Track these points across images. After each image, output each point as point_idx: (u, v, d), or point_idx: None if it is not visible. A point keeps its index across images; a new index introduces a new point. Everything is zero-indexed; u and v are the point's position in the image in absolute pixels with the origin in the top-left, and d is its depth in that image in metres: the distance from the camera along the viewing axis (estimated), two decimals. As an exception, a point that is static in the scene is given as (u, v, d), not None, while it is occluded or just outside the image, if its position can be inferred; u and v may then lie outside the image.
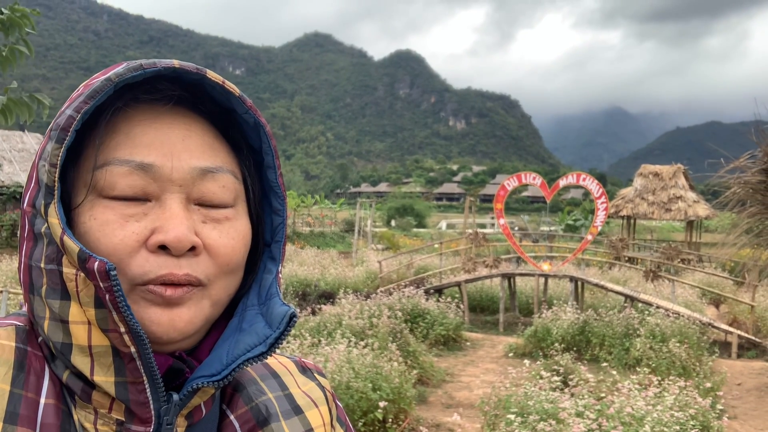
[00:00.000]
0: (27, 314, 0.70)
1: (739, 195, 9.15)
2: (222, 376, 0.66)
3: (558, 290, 14.53)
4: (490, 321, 13.48)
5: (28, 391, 0.64)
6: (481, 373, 9.27)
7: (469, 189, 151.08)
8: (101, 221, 0.64)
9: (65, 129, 0.61)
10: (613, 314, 10.46)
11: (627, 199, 24.70)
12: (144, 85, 0.67)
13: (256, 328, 0.70)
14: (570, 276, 13.13)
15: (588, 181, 13.04)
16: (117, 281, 0.59)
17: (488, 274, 13.68)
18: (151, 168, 0.65)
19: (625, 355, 9.33)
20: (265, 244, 0.78)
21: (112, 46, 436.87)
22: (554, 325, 10.31)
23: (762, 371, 9.70)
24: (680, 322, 9.66)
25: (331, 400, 0.89)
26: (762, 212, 8.87)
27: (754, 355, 10.89)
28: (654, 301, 11.38)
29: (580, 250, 13.88)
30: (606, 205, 12.98)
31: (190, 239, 0.64)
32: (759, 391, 8.64)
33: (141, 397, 0.64)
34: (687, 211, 23.53)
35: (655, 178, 24.75)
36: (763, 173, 8.70)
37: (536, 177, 13.35)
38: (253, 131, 0.73)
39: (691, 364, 8.58)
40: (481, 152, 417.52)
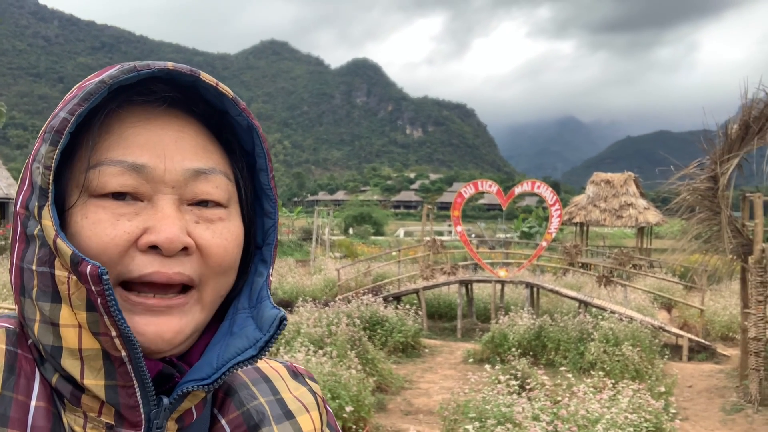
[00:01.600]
0: (17, 316, 0.70)
1: (689, 201, 9.41)
2: (212, 380, 0.66)
3: (514, 296, 14.70)
4: (448, 327, 13.56)
5: (19, 394, 0.63)
6: (440, 380, 9.31)
7: (427, 197, 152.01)
8: (93, 220, 0.64)
9: (59, 131, 0.61)
10: (567, 319, 10.64)
11: (580, 206, 25.18)
12: (138, 86, 0.67)
13: (247, 332, 0.70)
14: (526, 282, 13.29)
15: (542, 188, 13.24)
16: (109, 285, 0.59)
17: (446, 281, 13.76)
18: (144, 169, 0.65)
19: (579, 359, 9.49)
20: (257, 247, 0.78)
21: (62, 52, 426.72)
22: (511, 330, 10.43)
23: (711, 373, 9.97)
24: (633, 326, 9.87)
25: (322, 406, 0.89)
26: (710, 218, 9.14)
27: (704, 358, 11.19)
28: (607, 306, 11.60)
29: (535, 257, 14.07)
30: (560, 212, 13.19)
31: (181, 240, 0.64)
32: (709, 393, 8.87)
33: (131, 401, 0.64)
34: (638, 217, 24.10)
35: (607, 186, 25.30)
36: (711, 180, 8.97)
37: (492, 185, 13.50)
38: (246, 134, 0.73)
39: (643, 367, 8.78)
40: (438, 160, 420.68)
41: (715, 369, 10.28)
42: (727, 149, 8.85)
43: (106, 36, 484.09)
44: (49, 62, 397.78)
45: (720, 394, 8.81)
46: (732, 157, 8.75)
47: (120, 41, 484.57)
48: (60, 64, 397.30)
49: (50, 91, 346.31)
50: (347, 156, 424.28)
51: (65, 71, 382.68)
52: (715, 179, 8.95)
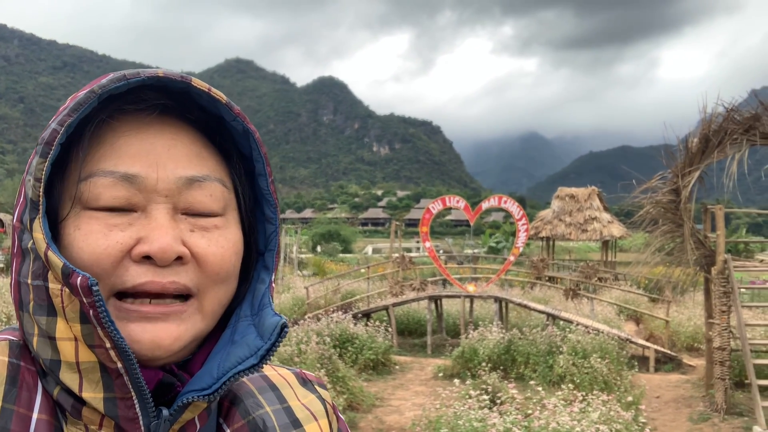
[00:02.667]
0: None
1: (652, 214, 9.59)
2: (213, 389, 0.65)
3: (483, 311, 14.76)
4: (418, 344, 13.54)
5: (20, 407, 0.62)
6: (411, 396, 9.27)
7: (394, 214, 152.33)
8: (85, 231, 0.63)
9: (49, 143, 0.61)
10: (536, 332, 10.70)
11: (546, 220, 25.49)
12: (129, 95, 0.66)
13: (248, 340, 0.69)
14: (495, 296, 13.36)
15: (509, 203, 13.37)
16: (99, 296, 0.58)
17: (415, 297, 13.76)
18: (136, 179, 0.64)
19: (549, 372, 9.55)
20: (259, 253, 0.76)
21: (23, 72, 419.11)
22: (481, 345, 10.45)
23: (678, 383, 10.12)
24: (600, 339, 9.98)
25: (332, 413, 0.87)
26: (673, 230, 9.32)
27: (670, 369, 11.35)
28: (575, 319, 11.71)
29: (503, 271, 14.17)
30: (526, 227, 13.33)
31: (175, 249, 0.63)
32: (676, 403, 8.99)
33: (130, 413, 0.63)
34: (602, 231, 24.49)
35: (572, 200, 25.68)
36: (673, 193, 9.16)
37: (460, 200, 13.59)
38: (243, 138, 0.72)
39: (612, 379, 8.86)
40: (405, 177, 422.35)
41: (682, 379, 10.43)
42: (688, 162, 9.05)
43: (67, 55, 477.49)
44: (9, 82, 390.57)
45: (687, 403, 8.93)
46: (693, 170, 8.95)
47: (82, 60, 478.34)
48: (21, 84, 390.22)
49: (10, 112, 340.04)
50: (314, 174, 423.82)
51: (26, 91, 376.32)
52: (677, 192, 9.15)
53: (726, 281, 8.60)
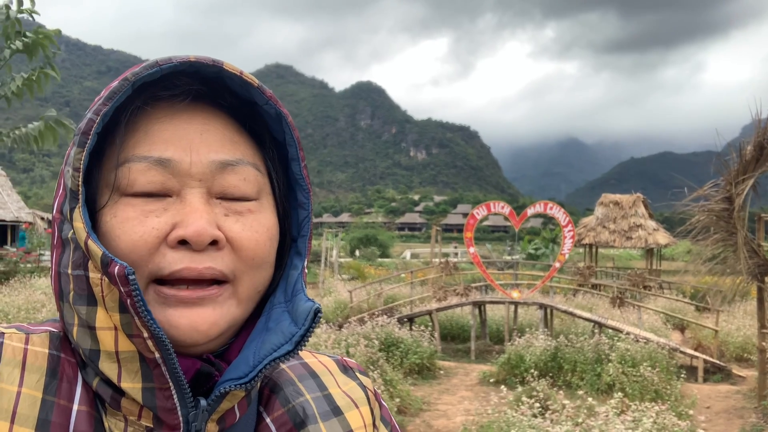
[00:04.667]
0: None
1: (703, 222, 9.45)
2: (249, 378, 0.65)
3: (527, 317, 14.69)
4: (461, 349, 13.53)
5: (61, 398, 0.63)
6: (458, 401, 9.30)
7: (431, 219, 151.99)
8: (122, 218, 0.64)
9: (86, 133, 0.61)
10: (584, 340, 10.62)
11: (589, 227, 25.20)
12: (162, 82, 0.66)
13: (282, 327, 0.69)
14: (539, 303, 13.29)
15: (555, 209, 13.30)
16: (136, 285, 0.58)
17: (459, 302, 13.76)
18: (170, 163, 0.65)
19: (597, 380, 9.47)
20: (292, 239, 0.76)
21: (69, 77, 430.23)
22: (527, 351, 10.41)
23: (728, 394, 9.94)
24: (649, 347, 9.87)
25: (374, 400, 0.86)
26: (726, 239, 9.17)
27: (719, 379, 11.14)
28: (623, 327, 11.58)
29: (548, 278, 14.09)
30: (572, 233, 13.23)
31: (210, 233, 0.64)
32: (728, 414, 8.84)
33: (168, 404, 0.63)
34: (647, 239, 24.11)
35: (616, 207, 25.34)
36: (726, 201, 9.02)
37: (505, 206, 13.56)
38: (276, 123, 0.72)
39: (662, 388, 8.76)
40: (442, 182, 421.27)
41: (732, 390, 10.24)
42: (741, 170, 8.91)
43: (112, 60, 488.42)
44: (55, 86, 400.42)
45: (739, 415, 8.77)
46: (747, 178, 8.81)
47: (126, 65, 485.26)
48: (66, 88, 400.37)
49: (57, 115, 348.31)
50: (351, 178, 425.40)
51: (71, 95, 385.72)
52: (730, 200, 9.01)
53: (781, 291, 8.44)
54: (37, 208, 34.61)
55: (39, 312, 11.31)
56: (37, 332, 0.69)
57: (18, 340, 0.67)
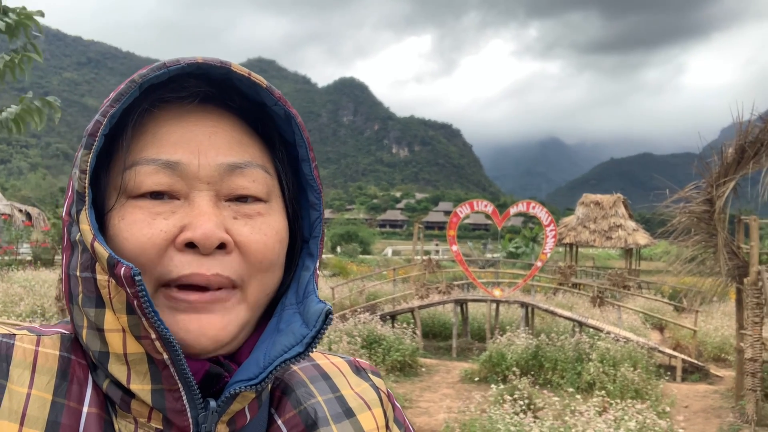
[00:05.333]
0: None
1: (684, 224, 9.55)
2: (259, 379, 0.64)
3: (508, 315, 14.76)
4: (443, 347, 13.57)
5: (71, 401, 0.63)
6: (439, 399, 9.32)
7: (412, 216, 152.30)
8: (129, 221, 0.64)
9: (93, 134, 0.61)
10: (565, 339, 10.70)
11: (570, 227, 25.39)
12: (170, 84, 0.66)
13: (293, 328, 0.68)
14: (521, 302, 13.36)
15: (538, 209, 13.37)
16: (142, 286, 0.58)
17: (441, 300, 13.80)
18: (178, 166, 0.65)
19: (577, 378, 9.55)
20: (304, 241, 0.76)
21: (48, 67, 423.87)
22: (509, 350, 10.46)
23: (706, 394, 10.07)
24: (629, 347, 9.97)
25: (387, 401, 0.85)
26: (706, 240, 9.29)
27: (698, 379, 11.29)
28: (603, 327, 11.69)
29: (530, 277, 14.17)
30: (554, 233, 13.31)
31: (218, 236, 0.63)
32: (706, 413, 8.96)
33: (177, 405, 0.63)
34: (627, 239, 24.35)
35: (597, 207, 25.56)
36: (707, 203, 9.13)
37: (488, 204, 13.61)
38: (285, 123, 0.71)
39: (643, 388, 8.85)
40: (423, 180, 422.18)
41: (710, 389, 10.38)
42: (723, 173, 9.02)
43: (92, 51, 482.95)
44: (35, 77, 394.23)
45: (716, 414, 8.89)
46: (728, 180, 8.92)
47: (106, 57, 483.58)
48: (46, 78, 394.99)
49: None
50: (333, 174, 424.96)
51: (50, 86, 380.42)
52: (711, 202, 9.11)
53: (759, 292, 8.55)
54: (14, 200, 34.10)
55: (17, 305, 11.16)
56: (49, 334, 0.69)
57: (29, 342, 0.66)
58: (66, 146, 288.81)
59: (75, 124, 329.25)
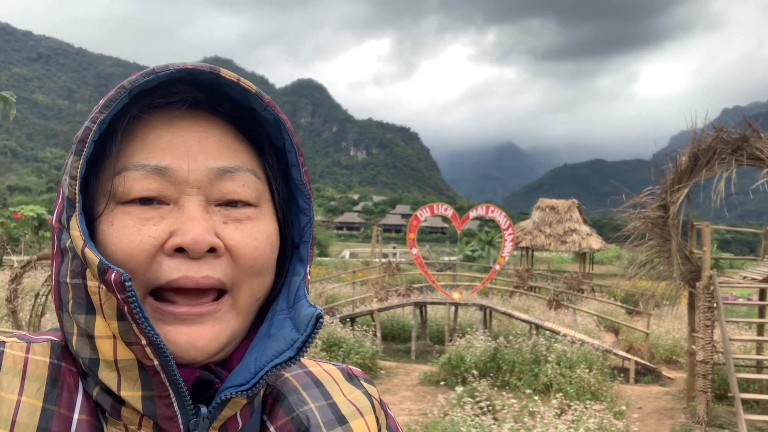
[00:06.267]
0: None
1: (640, 229, 9.78)
2: (250, 384, 0.64)
3: (467, 318, 14.88)
4: (402, 349, 13.60)
5: (61, 407, 0.63)
6: (399, 401, 9.33)
7: (370, 219, 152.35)
8: (118, 227, 0.63)
9: (83, 141, 0.61)
10: (522, 341, 10.84)
11: (526, 231, 25.72)
12: (160, 90, 0.66)
13: (284, 333, 0.68)
14: (479, 305, 13.49)
15: (497, 213, 13.52)
16: (133, 292, 0.58)
17: (401, 303, 13.83)
18: (167, 171, 0.65)
19: (534, 380, 9.68)
20: (294, 246, 0.76)
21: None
22: (467, 352, 10.55)
23: (658, 395, 10.32)
24: (585, 349, 10.15)
25: (379, 409, 0.85)
26: (660, 245, 9.52)
27: (650, 380, 11.56)
28: (559, 329, 11.87)
29: (488, 280, 14.32)
30: (512, 237, 13.47)
31: (207, 240, 0.63)
32: (658, 414, 9.17)
33: (168, 412, 0.63)
34: (581, 243, 24.79)
35: (552, 212, 25.94)
36: (661, 209, 9.36)
37: (448, 208, 13.71)
38: (275, 129, 0.71)
39: (598, 389, 9.02)
40: (381, 182, 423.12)
41: (662, 391, 10.64)
42: (677, 179, 9.27)
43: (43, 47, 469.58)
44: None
45: (669, 415, 9.12)
46: (682, 187, 9.17)
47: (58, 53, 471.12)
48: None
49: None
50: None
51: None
52: (666, 208, 9.35)
53: (711, 296, 8.81)
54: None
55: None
56: (39, 341, 0.68)
57: (19, 349, 0.66)
58: (14, 143, 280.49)
59: (24, 121, 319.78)
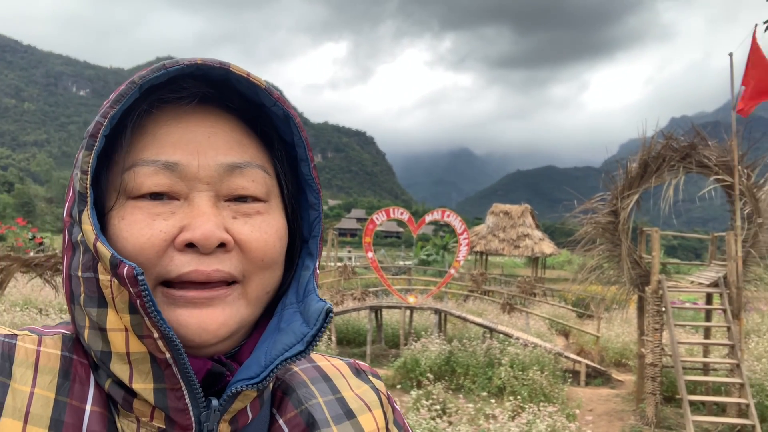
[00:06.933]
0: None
1: (591, 234, 9.97)
2: (261, 378, 0.65)
3: (422, 322, 14.93)
4: (357, 353, 13.56)
5: (73, 399, 0.64)
6: (354, 406, 9.30)
7: (325, 222, 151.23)
8: (129, 221, 0.64)
9: (94, 135, 0.62)
10: (476, 344, 10.93)
11: (480, 235, 26.00)
12: (170, 85, 0.67)
13: (294, 327, 0.69)
14: (434, 308, 13.55)
15: (452, 217, 13.60)
16: (145, 285, 0.58)
17: (356, 307, 13.80)
18: (177, 166, 0.65)
19: (488, 383, 9.77)
20: (303, 240, 0.77)
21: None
22: (422, 356, 10.58)
23: (609, 397, 10.51)
24: (537, 352, 10.29)
25: (387, 403, 0.86)
26: (611, 250, 9.72)
27: (600, 383, 11.78)
28: (512, 332, 12.01)
29: (443, 284, 14.38)
30: (468, 241, 13.58)
31: (217, 236, 0.64)
32: (609, 416, 9.35)
33: (180, 404, 0.63)
34: (534, 248, 25.17)
35: (506, 217, 26.29)
36: (612, 214, 9.56)
37: (404, 212, 13.74)
38: (284, 124, 0.72)
39: (551, 392, 9.15)
40: (336, 186, 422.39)
41: (612, 393, 10.85)
42: (627, 186, 9.48)
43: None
44: None
45: (619, 417, 9.30)
46: (632, 193, 9.39)
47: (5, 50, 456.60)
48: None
49: None
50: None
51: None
52: (616, 213, 9.56)
53: (660, 300, 9.03)
54: None
55: None
56: (50, 334, 0.69)
57: (31, 342, 0.67)
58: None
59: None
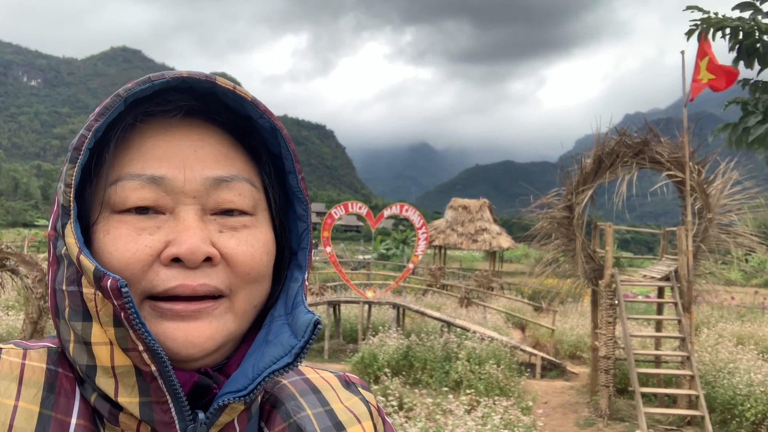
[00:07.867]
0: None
1: (546, 229, 10.09)
2: (248, 390, 0.64)
3: (380, 316, 14.93)
4: (315, 348, 13.49)
5: (58, 413, 0.63)
6: (311, 401, 9.25)
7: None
8: (114, 236, 0.63)
9: (77, 148, 0.61)
10: (434, 339, 10.97)
11: (439, 229, 26.15)
12: (155, 98, 0.66)
13: (282, 339, 0.68)
14: (393, 303, 13.56)
15: (411, 212, 13.62)
16: (129, 298, 0.57)
17: (314, 302, 13.72)
18: (163, 181, 0.64)
19: (445, 377, 9.82)
20: (292, 253, 0.76)
21: None
22: (380, 350, 10.58)
23: (563, 390, 10.68)
24: (494, 346, 10.39)
25: (377, 416, 0.86)
26: (566, 245, 9.86)
27: (555, 375, 11.96)
28: (470, 326, 12.10)
29: (402, 278, 14.41)
30: (426, 235, 13.62)
31: (204, 250, 0.63)
32: (563, 408, 9.49)
33: (166, 417, 0.62)
34: (492, 242, 25.43)
35: (464, 211, 26.50)
36: (567, 209, 9.68)
37: (362, 206, 13.70)
38: (271, 136, 0.71)
39: (507, 385, 9.24)
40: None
41: (566, 386, 11.02)
42: (582, 181, 9.62)
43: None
44: None
45: (573, 409, 9.45)
46: (586, 188, 9.52)
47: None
48: None
49: None
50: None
51: None
52: (571, 208, 9.69)
53: (613, 294, 9.19)
54: None
55: None
56: (35, 348, 0.68)
57: (15, 355, 0.66)
58: None
59: None
